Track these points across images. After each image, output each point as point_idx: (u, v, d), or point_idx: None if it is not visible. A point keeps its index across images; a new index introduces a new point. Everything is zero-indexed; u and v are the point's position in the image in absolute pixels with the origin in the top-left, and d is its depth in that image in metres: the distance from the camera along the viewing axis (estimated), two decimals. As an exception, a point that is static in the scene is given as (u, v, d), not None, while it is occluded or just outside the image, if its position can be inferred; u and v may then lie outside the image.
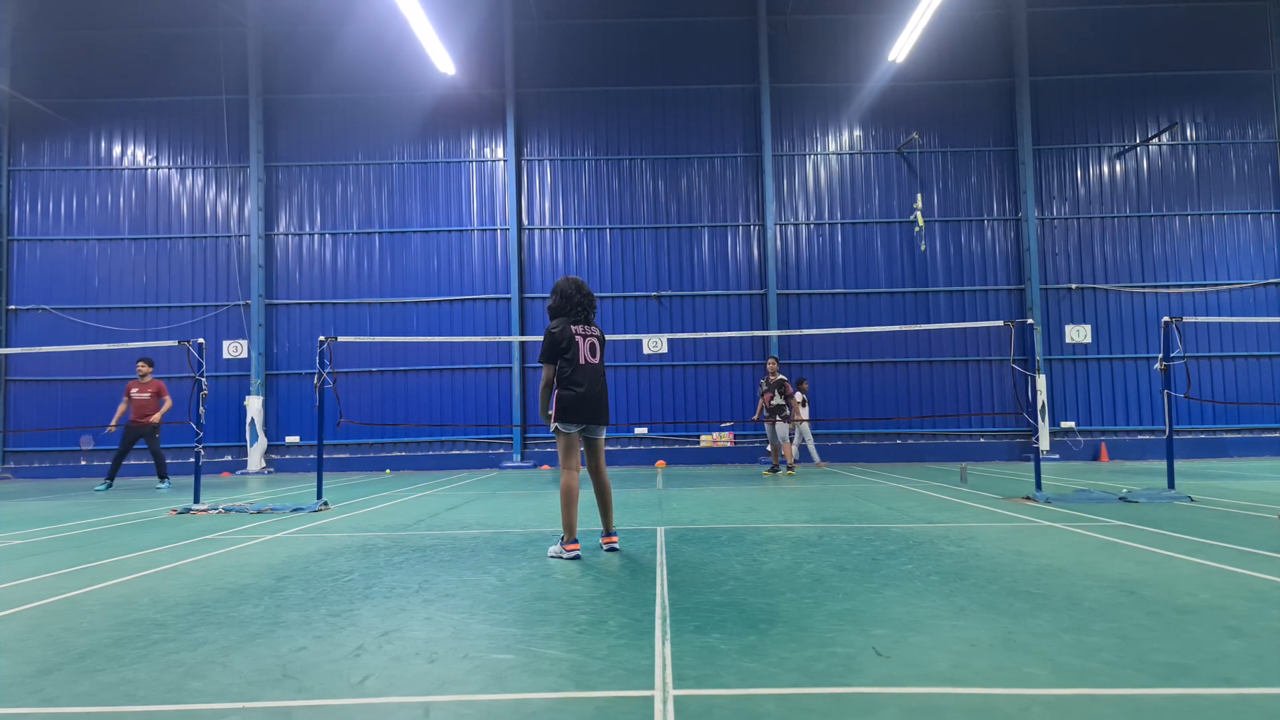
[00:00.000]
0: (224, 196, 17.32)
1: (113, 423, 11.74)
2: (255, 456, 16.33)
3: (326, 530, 6.18)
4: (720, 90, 17.34)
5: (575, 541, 4.59)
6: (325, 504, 7.91)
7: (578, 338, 4.70)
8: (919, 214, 16.55)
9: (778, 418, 12.31)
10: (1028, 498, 7.61)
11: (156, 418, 11.57)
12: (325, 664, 2.59)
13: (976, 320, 16.64)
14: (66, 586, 4.01)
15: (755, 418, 13.47)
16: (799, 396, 14.10)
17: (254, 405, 16.46)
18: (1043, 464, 12.94)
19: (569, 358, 4.66)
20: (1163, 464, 10.83)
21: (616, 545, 4.88)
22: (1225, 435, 16.50)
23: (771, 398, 12.32)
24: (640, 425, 16.70)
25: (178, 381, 16.24)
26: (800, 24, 17.31)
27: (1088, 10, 17.20)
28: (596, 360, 4.74)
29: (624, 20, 17.39)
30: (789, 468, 12.44)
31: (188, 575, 4.29)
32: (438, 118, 17.38)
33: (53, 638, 2.99)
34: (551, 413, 4.77)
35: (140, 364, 11.76)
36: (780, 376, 12.45)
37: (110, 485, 11.70)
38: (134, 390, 11.66)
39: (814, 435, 15.33)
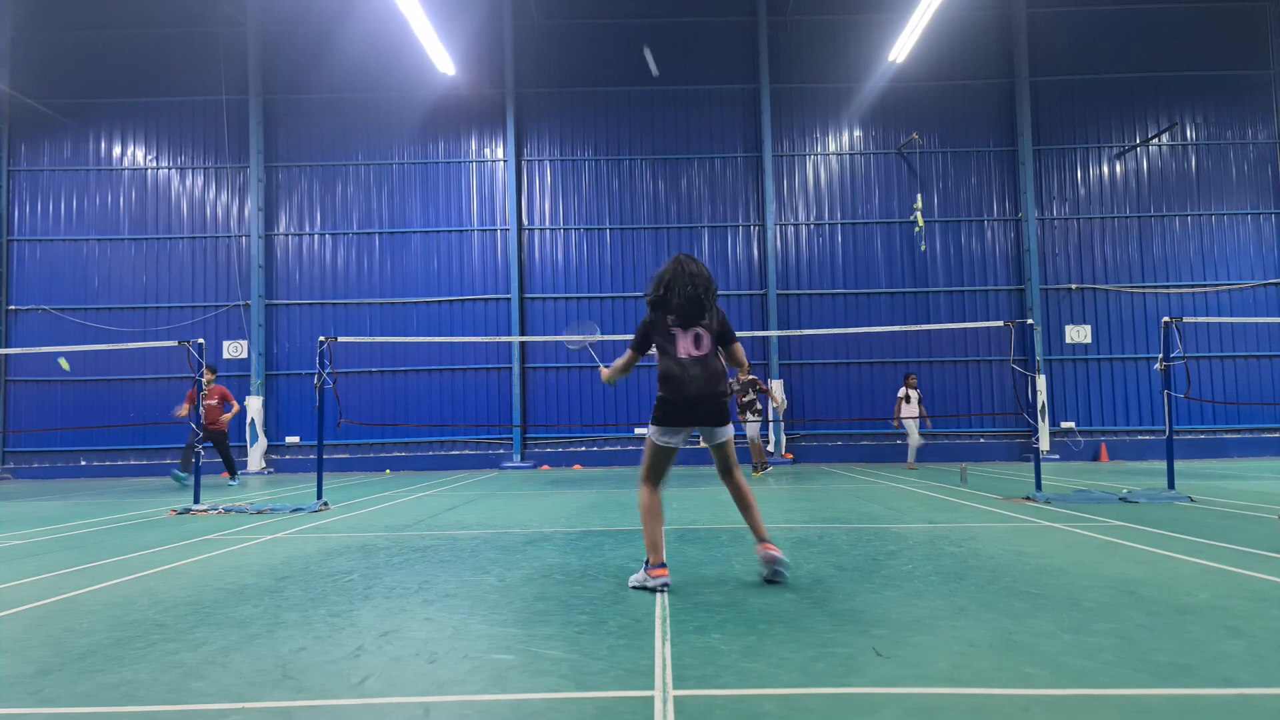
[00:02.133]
0: (224, 196, 17.32)
1: (182, 409, 12.04)
2: (255, 457, 16.33)
3: (326, 530, 6.18)
4: (720, 90, 17.34)
5: (663, 565, 3.72)
6: (325, 504, 7.91)
7: (674, 329, 3.89)
8: (919, 214, 16.55)
9: (749, 414, 11.98)
10: (1028, 498, 7.61)
11: (225, 420, 12.01)
12: (325, 664, 2.59)
13: (976, 320, 16.63)
14: (66, 586, 4.01)
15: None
16: (901, 391, 13.73)
17: (254, 405, 16.46)
18: (1043, 464, 12.93)
19: (667, 351, 3.89)
20: (1163, 464, 10.83)
21: (776, 555, 3.76)
22: (1225, 435, 16.49)
23: (744, 395, 12.00)
24: (640, 425, 16.69)
25: (178, 382, 16.28)
26: (800, 24, 17.31)
27: (1088, 10, 17.19)
28: (703, 352, 3.86)
29: (624, 20, 17.39)
30: (757, 468, 12.17)
31: (188, 575, 4.29)
32: (438, 118, 17.38)
33: (53, 638, 2.99)
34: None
35: (205, 371, 11.72)
36: (750, 376, 12.06)
37: (236, 478, 12.32)
38: (203, 400, 11.66)
39: (814, 435, 15.22)
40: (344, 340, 10.09)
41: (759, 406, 12.10)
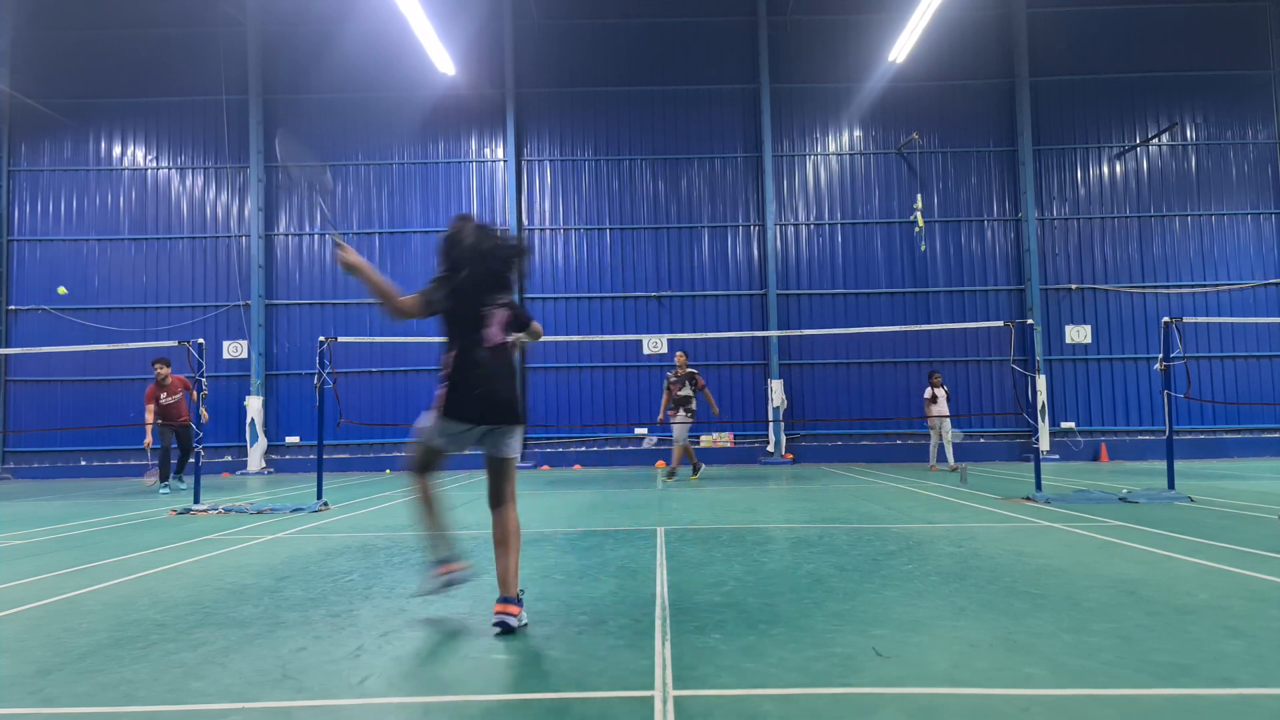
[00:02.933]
0: (224, 196, 17.32)
1: (148, 438, 10.93)
2: (255, 457, 16.32)
3: (326, 530, 6.18)
4: (720, 90, 17.33)
5: (449, 561, 3.24)
6: (325, 504, 7.91)
7: (470, 310, 3.29)
8: (919, 214, 16.55)
9: (682, 411, 10.95)
10: (1028, 498, 7.61)
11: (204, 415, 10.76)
12: (325, 664, 2.59)
13: (976, 320, 16.62)
14: (66, 586, 4.01)
15: (660, 419, 11.43)
16: (928, 393, 13.15)
17: (254, 405, 16.46)
18: (1043, 464, 12.93)
19: (461, 335, 3.27)
20: (1163, 464, 10.83)
21: (510, 620, 2.94)
22: (1225, 435, 16.49)
23: (680, 388, 10.99)
24: (640, 425, 16.70)
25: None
26: (800, 24, 17.31)
27: (1088, 10, 17.19)
28: (502, 340, 3.39)
29: (624, 20, 17.38)
30: (695, 470, 11.34)
31: (188, 575, 4.29)
32: (438, 118, 17.38)
33: (53, 638, 2.99)
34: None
35: (158, 366, 10.72)
36: (690, 370, 11.18)
37: (169, 485, 10.97)
38: (163, 397, 10.79)
39: (814, 435, 15.05)
40: (344, 340, 10.10)
41: (694, 406, 11.04)
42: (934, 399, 13.04)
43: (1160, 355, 8.06)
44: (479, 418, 3.23)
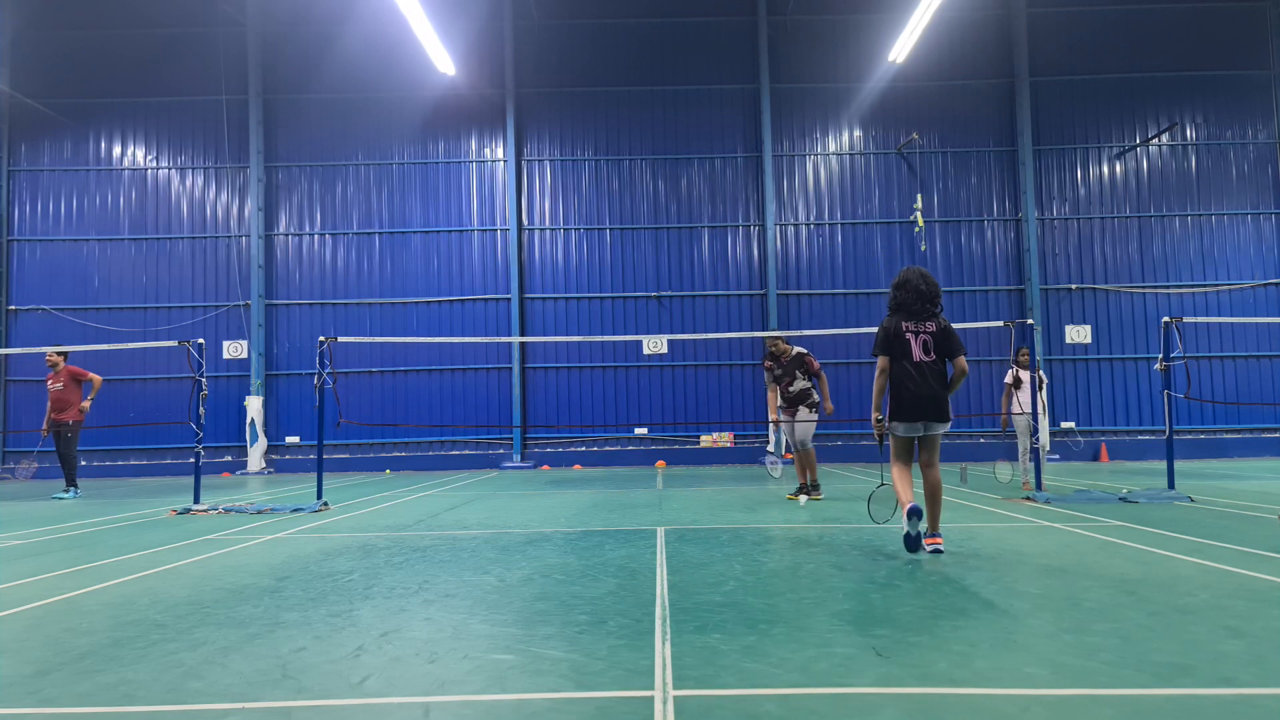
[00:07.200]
0: (224, 196, 17.31)
1: (44, 428, 10.52)
2: (255, 457, 16.32)
3: (326, 530, 6.18)
4: (720, 90, 17.33)
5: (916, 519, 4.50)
6: (325, 504, 7.91)
7: (908, 334, 4.83)
8: (919, 214, 16.54)
9: (801, 408, 8.28)
10: (1028, 498, 7.61)
11: (87, 405, 10.34)
12: (325, 664, 2.59)
13: (976, 320, 16.63)
14: (66, 586, 4.01)
15: (774, 419, 8.74)
16: (1009, 376, 9.22)
17: (254, 405, 16.46)
18: (1043, 464, 12.92)
19: (899, 357, 4.76)
20: (1163, 464, 10.82)
21: (940, 547, 4.52)
22: (1225, 435, 16.49)
23: (791, 382, 8.29)
24: (640, 425, 16.69)
25: (177, 382, 16.28)
26: (800, 24, 17.31)
27: (1088, 10, 17.19)
28: (932, 358, 4.80)
29: (624, 20, 17.39)
30: (815, 488, 8.26)
31: (187, 575, 4.29)
32: (438, 118, 17.38)
33: (52, 638, 2.99)
34: (881, 418, 4.90)
35: (49, 354, 10.35)
36: (799, 350, 8.50)
37: (76, 490, 10.38)
38: (50, 383, 10.41)
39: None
40: (344, 340, 10.09)
41: (815, 398, 8.43)
42: (1017, 384, 9.08)
43: (1160, 355, 8.06)
44: (906, 417, 4.82)
